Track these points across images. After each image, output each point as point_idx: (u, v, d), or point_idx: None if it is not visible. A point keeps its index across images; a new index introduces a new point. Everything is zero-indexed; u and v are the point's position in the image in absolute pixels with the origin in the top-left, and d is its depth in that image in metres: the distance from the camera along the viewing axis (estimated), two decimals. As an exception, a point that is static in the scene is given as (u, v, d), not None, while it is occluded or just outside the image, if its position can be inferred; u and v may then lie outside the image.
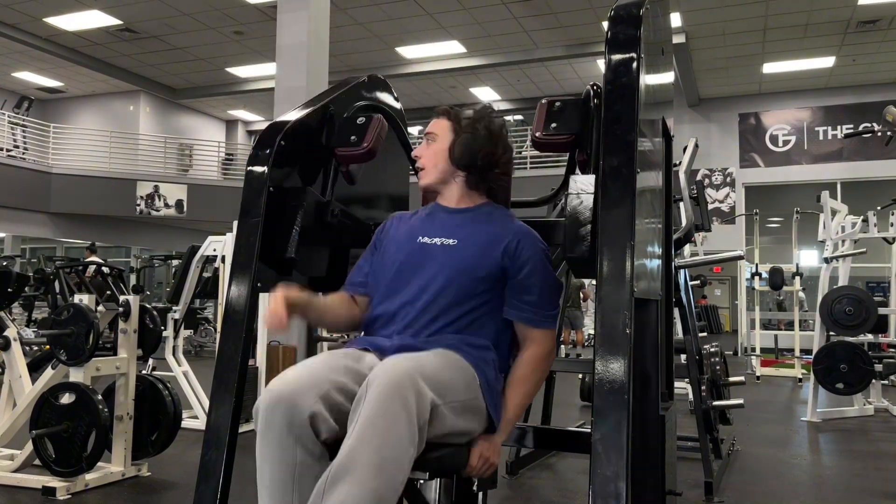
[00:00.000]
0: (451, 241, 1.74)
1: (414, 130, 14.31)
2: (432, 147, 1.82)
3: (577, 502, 3.30)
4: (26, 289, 5.94)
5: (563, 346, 10.76)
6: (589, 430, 1.38)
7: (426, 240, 1.77)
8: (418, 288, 1.71)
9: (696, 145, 4.02)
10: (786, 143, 13.92)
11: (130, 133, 15.65)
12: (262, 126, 1.83)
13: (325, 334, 6.06)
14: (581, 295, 13.81)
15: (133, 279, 12.55)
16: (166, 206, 14.22)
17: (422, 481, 1.60)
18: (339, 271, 2.12)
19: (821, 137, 13.72)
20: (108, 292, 6.85)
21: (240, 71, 14.08)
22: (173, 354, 4.98)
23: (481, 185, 1.82)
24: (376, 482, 1.33)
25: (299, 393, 1.43)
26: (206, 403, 4.60)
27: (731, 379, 4.53)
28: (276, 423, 1.43)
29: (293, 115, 1.96)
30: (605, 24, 1.61)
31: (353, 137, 1.97)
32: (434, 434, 1.47)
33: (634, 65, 1.53)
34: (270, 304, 1.62)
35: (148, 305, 3.85)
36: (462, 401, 1.53)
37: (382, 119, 2.02)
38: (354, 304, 1.82)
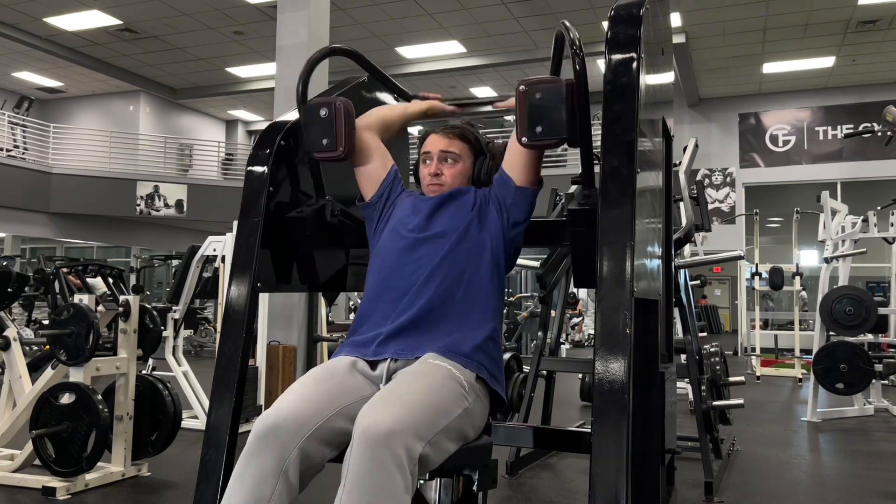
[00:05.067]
0: (437, 226, 1.81)
1: (414, 130, 14.28)
2: (456, 167, 1.88)
3: (577, 502, 3.30)
4: (26, 289, 5.93)
5: (563, 346, 10.77)
6: (589, 430, 1.38)
7: (415, 234, 1.80)
8: (411, 287, 1.74)
9: (696, 145, 4.02)
10: (786, 143, 13.92)
11: (130, 133, 15.65)
12: (262, 126, 1.81)
13: (325, 334, 6.07)
14: (576, 310, 13.88)
15: (133, 279, 12.55)
16: (166, 206, 14.22)
17: (422, 481, 1.60)
18: (340, 271, 2.12)
19: (821, 137, 13.72)
20: (108, 292, 6.85)
21: (240, 71, 14.08)
22: (173, 354, 4.98)
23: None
24: None
25: (290, 433, 1.46)
26: (206, 403, 4.60)
27: (731, 379, 4.53)
28: (262, 459, 1.46)
29: (293, 115, 1.96)
30: (605, 24, 1.61)
31: (324, 140, 1.83)
32: (437, 460, 1.47)
33: (634, 65, 1.53)
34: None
35: (148, 305, 3.85)
36: (457, 415, 1.53)
37: (346, 104, 1.82)
38: (382, 135, 1.96)
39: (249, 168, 1.88)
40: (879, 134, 5.21)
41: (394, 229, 1.84)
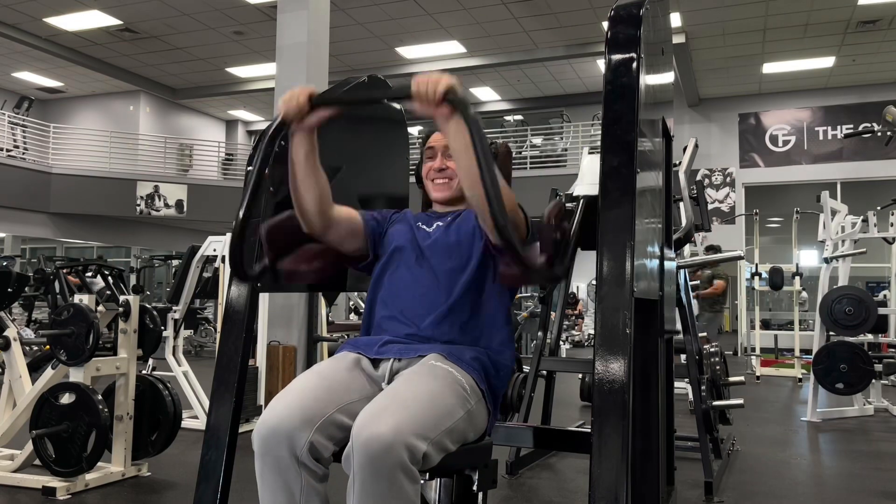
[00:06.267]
0: (442, 233, 1.80)
1: (414, 130, 14.29)
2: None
3: (577, 502, 3.30)
4: (26, 289, 5.94)
5: (563, 346, 10.77)
6: (589, 430, 1.38)
7: (423, 242, 1.80)
8: (416, 290, 1.73)
9: (696, 145, 4.01)
10: (786, 143, 13.92)
11: (130, 133, 15.66)
12: (262, 126, 1.79)
13: (325, 335, 6.06)
14: (576, 310, 13.87)
15: (133, 279, 12.55)
16: (166, 206, 14.22)
17: (422, 481, 1.60)
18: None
19: (821, 137, 13.72)
20: (108, 292, 6.85)
21: (240, 71, 14.08)
22: (173, 354, 4.98)
23: None
24: None
25: (296, 427, 1.45)
26: (206, 403, 4.61)
27: (731, 379, 4.53)
28: (276, 453, 1.45)
29: (293, 115, 1.95)
30: (605, 24, 1.61)
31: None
32: (438, 459, 1.47)
33: (634, 65, 1.53)
34: (294, 93, 1.59)
35: (148, 305, 3.85)
36: (459, 417, 1.53)
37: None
38: (334, 207, 1.78)
39: (249, 168, 1.88)
40: (879, 134, 5.21)
41: (397, 255, 1.80)
